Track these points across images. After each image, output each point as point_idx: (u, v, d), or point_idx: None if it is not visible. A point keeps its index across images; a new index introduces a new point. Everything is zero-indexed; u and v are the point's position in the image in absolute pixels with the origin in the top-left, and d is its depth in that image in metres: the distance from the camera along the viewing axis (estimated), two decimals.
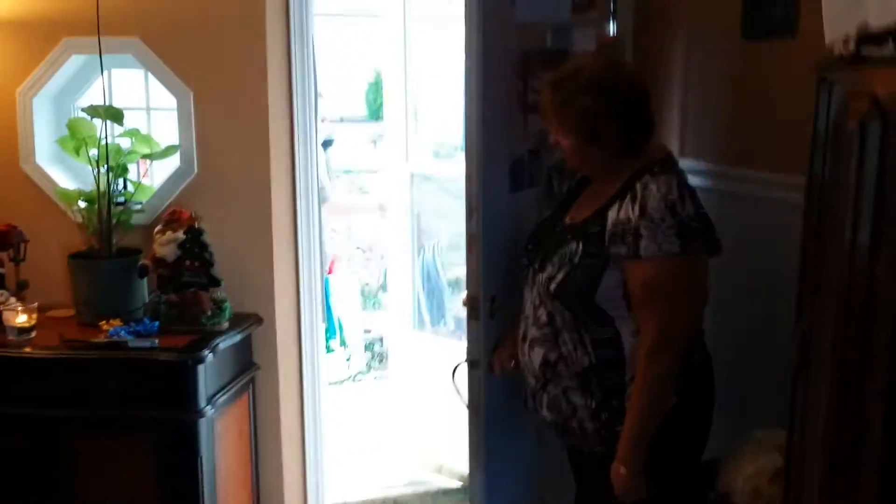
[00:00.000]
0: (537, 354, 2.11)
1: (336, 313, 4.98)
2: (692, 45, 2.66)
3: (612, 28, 2.66)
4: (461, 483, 3.76)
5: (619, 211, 1.98)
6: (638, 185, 1.98)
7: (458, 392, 2.48)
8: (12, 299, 2.67)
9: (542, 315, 2.09)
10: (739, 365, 2.30)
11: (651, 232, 1.92)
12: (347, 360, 4.94)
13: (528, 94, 2.40)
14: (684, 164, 2.64)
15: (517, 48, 2.39)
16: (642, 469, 1.96)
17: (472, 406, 2.39)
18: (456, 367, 2.54)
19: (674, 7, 2.70)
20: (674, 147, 2.75)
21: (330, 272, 4.76)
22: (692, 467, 2.11)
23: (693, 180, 2.59)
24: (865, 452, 1.54)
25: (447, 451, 3.87)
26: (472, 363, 2.37)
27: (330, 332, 4.66)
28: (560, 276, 2.03)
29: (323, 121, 3.83)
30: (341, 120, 7.37)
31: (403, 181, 3.95)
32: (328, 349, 4.39)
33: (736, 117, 2.49)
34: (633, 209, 1.96)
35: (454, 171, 3.91)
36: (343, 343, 4.90)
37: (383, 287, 5.45)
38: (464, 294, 2.46)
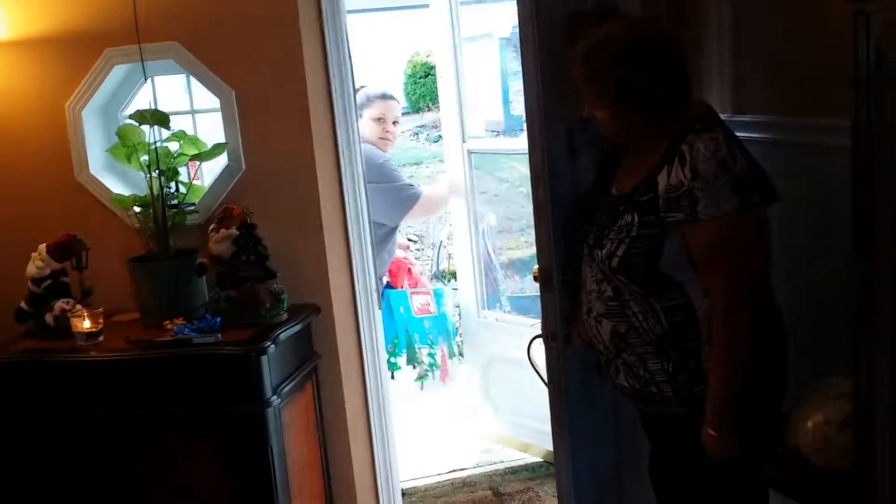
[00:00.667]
0: (606, 328, 2.09)
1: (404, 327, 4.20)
2: None
3: None
4: (528, 459, 3.78)
5: (669, 176, 1.94)
6: (684, 147, 1.94)
7: (534, 367, 2.49)
8: (78, 306, 2.75)
9: (607, 290, 2.07)
10: (801, 316, 2.26)
11: (707, 192, 1.88)
12: (419, 379, 4.23)
13: None
14: (729, 119, 2.62)
15: (562, 11, 2.38)
16: (733, 429, 1.95)
17: (553, 380, 2.38)
18: (531, 341, 2.54)
19: None
20: (716, 102, 2.71)
21: (395, 283, 4.14)
22: (776, 420, 2.06)
23: (739, 133, 2.58)
24: None
25: (518, 429, 3.89)
26: (550, 336, 2.35)
27: (393, 346, 4.04)
28: (621, 252, 2.00)
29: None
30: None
31: (462, 162, 3.96)
32: (393, 366, 3.95)
33: (778, 65, 2.44)
34: (683, 172, 1.92)
35: (513, 145, 4.19)
36: (413, 361, 4.13)
37: (437, 276, 5.43)
38: (535, 268, 2.45)
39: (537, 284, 2.42)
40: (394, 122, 3.85)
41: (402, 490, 3.30)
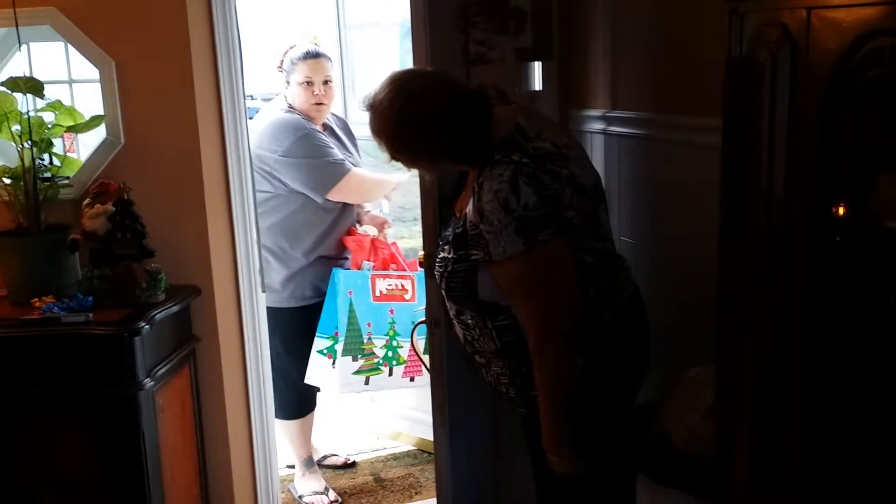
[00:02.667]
0: (458, 330, 2.15)
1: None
2: None
3: None
4: (413, 448, 3.79)
5: (470, 211, 1.98)
6: (477, 183, 1.96)
7: (416, 353, 2.49)
8: None
9: (447, 302, 2.13)
10: (674, 309, 2.33)
11: (492, 235, 1.91)
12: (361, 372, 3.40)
13: (470, 46, 2.40)
14: (607, 114, 2.67)
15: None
16: (569, 449, 1.99)
17: (435, 365, 2.39)
18: (415, 327, 2.55)
19: None
20: (601, 99, 2.76)
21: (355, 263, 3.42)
22: (622, 423, 2.13)
23: (623, 130, 2.63)
24: (793, 382, 1.58)
25: (399, 419, 3.89)
26: (433, 322, 2.36)
27: (328, 330, 3.36)
28: (444, 284, 2.07)
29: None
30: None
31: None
32: (319, 351, 3.33)
33: (654, 61, 2.50)
34: (475, 212, 1.95)
35: None
36: (354, 351, 3.35)
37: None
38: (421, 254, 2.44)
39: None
40: (325, 82, 3.35)
41: (279, 477, 3.26)
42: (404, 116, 1.95)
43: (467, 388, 2.47)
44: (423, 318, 2.53)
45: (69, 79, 2.94)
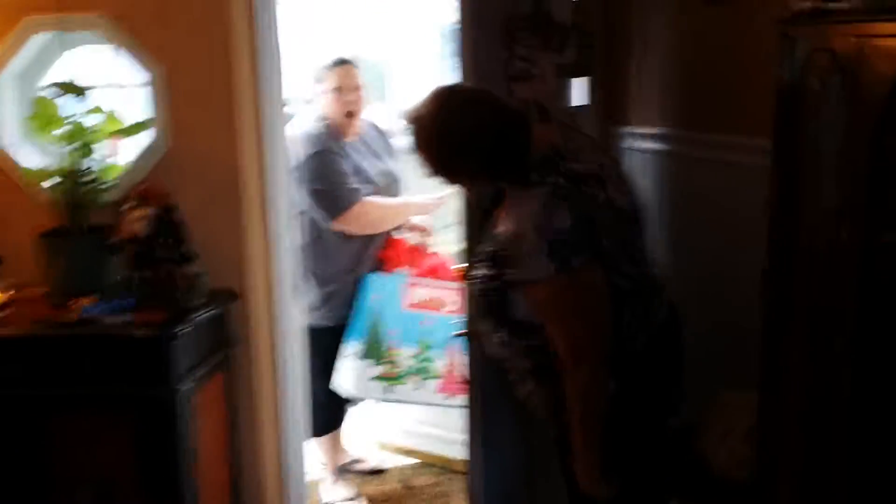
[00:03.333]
0: (493, 346, 2.14)
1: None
2: (655, 10, 2.67)
3: None
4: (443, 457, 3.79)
5: (504, 230, 1.97)
6: (508, 202, 1.97)
7: (454, 370, 2.48)
8: None
9: (483, 320, 2.12)
10: (709, 330, 2.33)
11: (525, 257, 1.90)
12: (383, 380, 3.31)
13: (513, 62, 2.41)
14: (644, 130, 2.68)
15: (501, 15, 2.40)
16: (600, 474, 1.98)
17: (471, 378, 2.39)
18: (450, 344, 2.54)
19: None
20: (642, 116, 2.77)
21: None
22: (655, 447, 2.11)
23: (653, 145, 2.64)
24: (836, 407, 1.57)
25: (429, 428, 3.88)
26: (471, 335, 2.36)
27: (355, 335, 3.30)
28: (479, 300, 2.07)
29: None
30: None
31: None
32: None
33: (697, 80, 2.50)
34: (507, 231, 1.94)
35: None
36: (374, 356, 3.28)
37: None
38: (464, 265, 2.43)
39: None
40: (355, 89, 3.28)
41: (307, 482, 3.27)
42: (444, 133, 1.96)
43: (502, 403, 2.48)
44: (459, 331, 2.53)
45: (113, 84, 2.98)
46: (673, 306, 2.16)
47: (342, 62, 3.30)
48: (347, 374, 3.27)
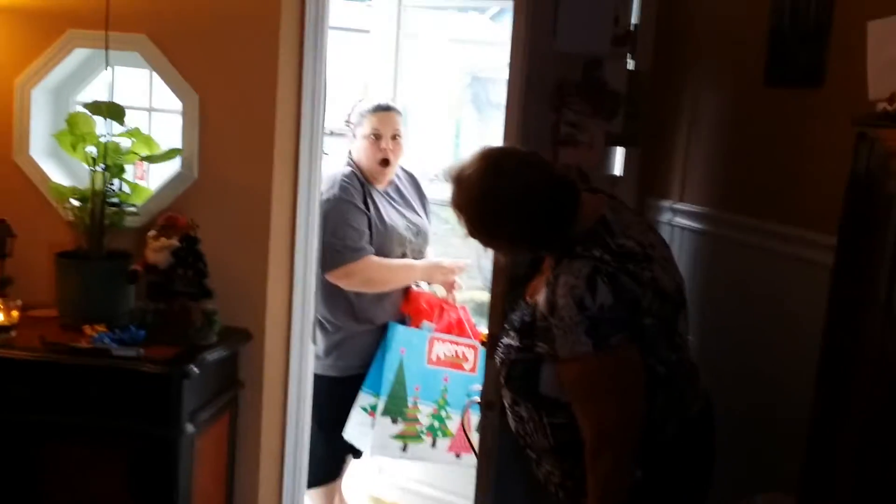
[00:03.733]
0: (510, 420, 2.06)
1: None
2: (709, 87, 2.62)
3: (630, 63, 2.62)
4: None
5: (541, 302, 1.89)
6: (552, 275, 1.88)
7: (466, 433, 2.40)
8: None
9: (504, 390, 2.03)
10: (743, 424, 2.23)
11: (561, 331, 1.82)
12: (401, 438, 3.17)
13: (561, 127, 2.36)
14: (686, 206, 2.61)
15: (553, 79, 2.35)
16: None
17: (484, 450, 2.30)
18: (466, 406, 2.46)
19: (694, 46, 2.66)
20: (675, 188, 2.70)
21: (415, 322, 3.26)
22: None
23: (696, 225, 2.56)
24: None
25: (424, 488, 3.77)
26: (487, 404, 2.28)
27: (375, 387, 3.16)
28: (504, 372, 1.98)
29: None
30: (331, 133, 7.26)
31: None
32: (363, 408, 3.15)
33: (748, 163, 2.43)
34: (547, 304, 1.86)
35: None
36: (395, 413, 3.14)
37: None
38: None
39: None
40: (393, 137, 3.18)
41: None
42: (490, 194, 1.89)
43: (515, 478, 2.37)
44: (478, 398, 2.44)
45: (150, 107, 2.93)
46: (708, 397, 2.07)
47: (382, 108, 3.22)
48: (365, 429, 3.14)
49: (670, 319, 1.94)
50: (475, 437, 2.54)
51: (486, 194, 1.89)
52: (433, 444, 3.15)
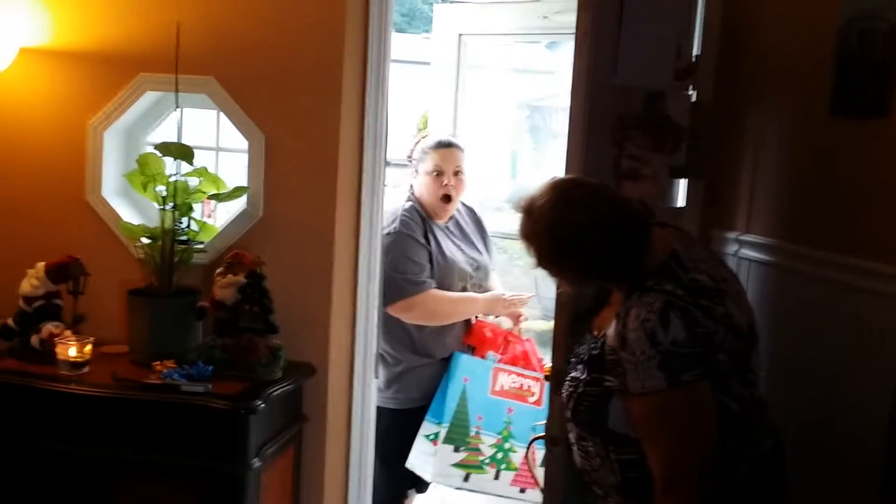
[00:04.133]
0: (576, 457, 2.04)
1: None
2: (774, 117, 2.58)
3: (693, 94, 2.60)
4: None
5: (612, 335, 1.86)
6: (623, 309, 1.85)
7: (530, 468, 2.38)
8: (67, 332, 2.63)
9: (570, 424, 2.02)
10: (816, 462, 2.17)
11: (633, 366, 1.79)
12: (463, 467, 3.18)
13: (623, 161, 2.35)
14: (751, 238, 2.57)
15: (614, 113, 2.35)
16: None
17: (549, 486, 2.27)
18: (531, 443, 2.44)
19: (757, 76, 2.63)
20: (740, 219, 2.66)
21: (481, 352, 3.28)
22: None
23: (763, 257, 2.52)
24: None
25: None
26: (552, 440, 2.26)
27: (437, 415, 3.19)
28: (571, 405, 1.96)
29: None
30: (388, 163, 7.31)
31: None
32: (426, 436, 3.16)
33: (816, 195, 2.39)
34: (617, 337, 1.84)
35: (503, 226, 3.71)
36: (457, 442, 3.16)
37: None
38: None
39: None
40: (455, 173, 3.23)
41: None
42: (561, 225, 1.88)
43: None
44: (542, 434, 2.42)
45: (217, 146, 2.99)
46: (778, 435, 2.02)
47: (444, 144, 3.25)
48: (427, 458, 3.14)
49: (743, 355, 1.90)
50: (539, 473, 2.52)
51: (556, 225, 1.89)
52: (496, 476, 3.13)
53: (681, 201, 2.67)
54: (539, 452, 2.71)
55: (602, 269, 1.93)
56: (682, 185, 2.67)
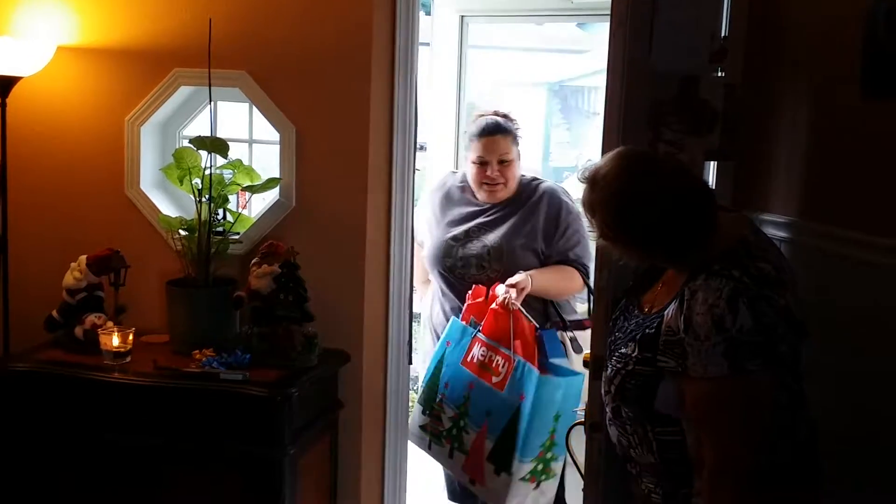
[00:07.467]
0: (612, 433, 2.03)
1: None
2: (804, 97, 2.56)
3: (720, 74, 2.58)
4: None
5: (671, 315, 1.82)
6: (688, 290, 1.80)
7: (572, 455, 2.37)
8: (109, 323, 2.71)
9: (609, 400, 2.00)
10: (841, 458, 2.17)
11: (695, 350, 1.75)
12: (423, 431, 3.21)
13: (659, 146, 2.34)
14: (785, 218, 2.55)
15: (649, 97, 2.34)
16: None
17: (590, 472, 2.28)
18: (571, 428, 2.43)
19: (786, 57, 2.61)
20: (775, 202, 2.65)
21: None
22: None
23: (796, 235, 2.50)
24: None
25: None
26: (593, 426, 2.26)
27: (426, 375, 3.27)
28: (617, 381, 1.93)
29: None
30: (422, 147, 7.33)
31: None
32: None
33: (846, 176, 2.37)
34: (679, 319, 1.79)
35: None
36: (426, 405, 3.19)
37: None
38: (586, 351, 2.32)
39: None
40: (500, 162, 3.14)
41: None
42: (628, 193, 1.82)
43: (622, 498, 2.36)
44: (580, 420, 2.42)
45: (250, 139, 3.04)
46: (814, 422, 2.01)
47: (488, 132, 3.17)
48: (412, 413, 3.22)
49: (797, 348, 1.88)
50: (580, 459, 2.52)
51: (623, 193, 1.82)
52: (450, 455, 3.07)
53: (711, 183, 2.67)
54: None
55: (667, 242, 1.85)
56: (712, 167, 2.66)
